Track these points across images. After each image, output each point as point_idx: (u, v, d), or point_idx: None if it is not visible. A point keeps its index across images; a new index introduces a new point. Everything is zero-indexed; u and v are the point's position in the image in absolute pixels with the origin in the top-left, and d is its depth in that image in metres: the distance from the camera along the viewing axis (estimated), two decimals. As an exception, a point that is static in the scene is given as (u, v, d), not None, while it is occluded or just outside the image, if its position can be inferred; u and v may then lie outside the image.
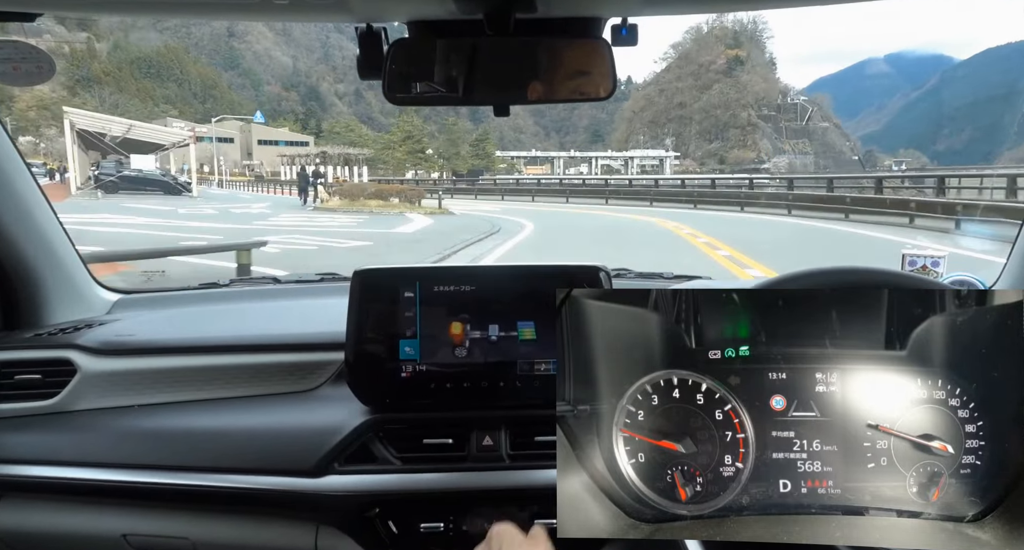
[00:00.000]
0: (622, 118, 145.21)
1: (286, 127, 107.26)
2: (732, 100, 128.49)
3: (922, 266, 1.54)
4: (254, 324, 1.56)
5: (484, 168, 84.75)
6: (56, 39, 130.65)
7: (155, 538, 1.23)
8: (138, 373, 1.32)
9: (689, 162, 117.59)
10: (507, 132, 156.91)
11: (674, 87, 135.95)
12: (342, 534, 1.17)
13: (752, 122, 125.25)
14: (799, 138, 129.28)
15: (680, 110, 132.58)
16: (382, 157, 77.94)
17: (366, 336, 1.18)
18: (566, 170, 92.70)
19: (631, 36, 1.03)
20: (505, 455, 1.18)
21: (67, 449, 1.24)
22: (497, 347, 1.18)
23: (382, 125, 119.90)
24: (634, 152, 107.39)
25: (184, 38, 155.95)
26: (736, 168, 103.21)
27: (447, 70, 1.04)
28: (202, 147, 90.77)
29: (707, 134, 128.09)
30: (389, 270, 1.21)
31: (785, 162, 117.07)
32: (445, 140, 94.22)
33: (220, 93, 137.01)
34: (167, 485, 1.19)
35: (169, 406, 1.30)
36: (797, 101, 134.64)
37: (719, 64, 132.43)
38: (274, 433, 1.23)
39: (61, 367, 1.31)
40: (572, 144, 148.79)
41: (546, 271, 1.21)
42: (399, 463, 1.18)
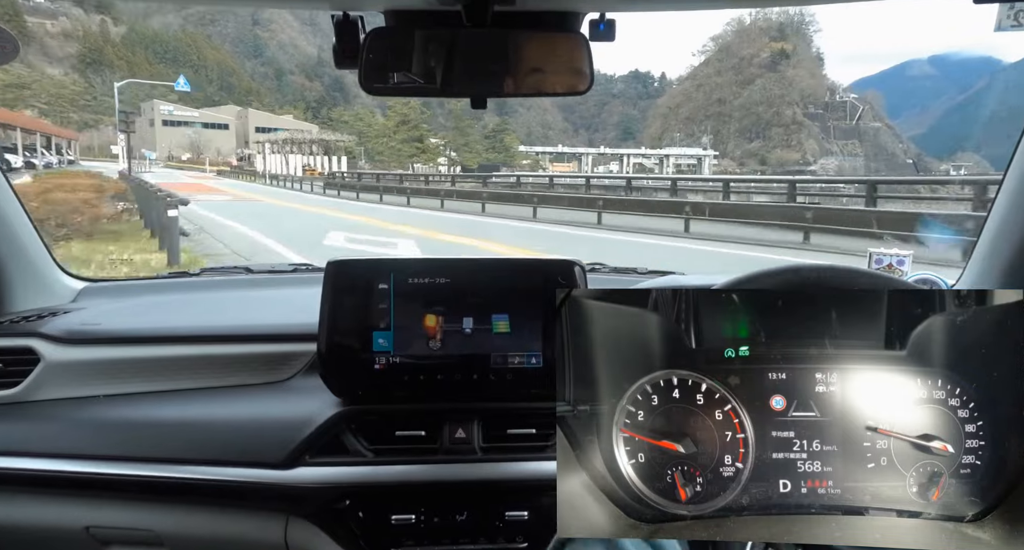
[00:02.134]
0: (656, 114, 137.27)
1: (291, 114, 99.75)
2: (776, 96, 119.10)
3: (888, 264, 1.59)
4: (225, 314, 1.53)
5: (502, 163, 75.77)
6: (72, 21, 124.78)
7: (120, 530, 1.22)
8: (103, 363, 1.30)
9: (728, 162, 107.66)
10: (535, 127, 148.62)
11: (713, 82, 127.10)
12: (312, 526, 1.18)
13: (797, 120, 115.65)
14: (848, 139, 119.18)
15: (719, 106, 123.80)
16: (375, 146, 69.41)
17: (339, 327, 1.18)
18: (595, 168, 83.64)
19: (608, 31, 1.03)
20: (477, 447, 1.20)
21: (28, 440, 1.23)
22: (471, 340, 1.19)
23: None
24: (669, 150, 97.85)
25: (208, 25, 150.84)
26: (779, 170, 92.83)
27: (425, 61, 1.04)
28: (180, 132, 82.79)
29: (747, 132, 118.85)
30: (363, 261, 1.21)
31: (834, 164, 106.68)
32: (453, 129, 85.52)
33: (237, 80, 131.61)
34: (132, 477, 1.17)
35: (135, 397, 1.29)
36: (846, 99, 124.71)
37: (762, 58, 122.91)
38: (244, 424, 1.22)
39: (23, 356, 1.29)
40: (602, 141, 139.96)
41: (521, 264, 1.23)
42: (371, 455, 1.19)
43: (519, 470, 1.19)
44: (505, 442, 1.20)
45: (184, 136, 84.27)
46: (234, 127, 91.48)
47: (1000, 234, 1.41)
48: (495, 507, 1.18)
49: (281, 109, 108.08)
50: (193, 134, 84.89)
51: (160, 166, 67.04)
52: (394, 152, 69.42)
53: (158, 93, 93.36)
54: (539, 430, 1.22)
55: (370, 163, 66.24)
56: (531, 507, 1.20)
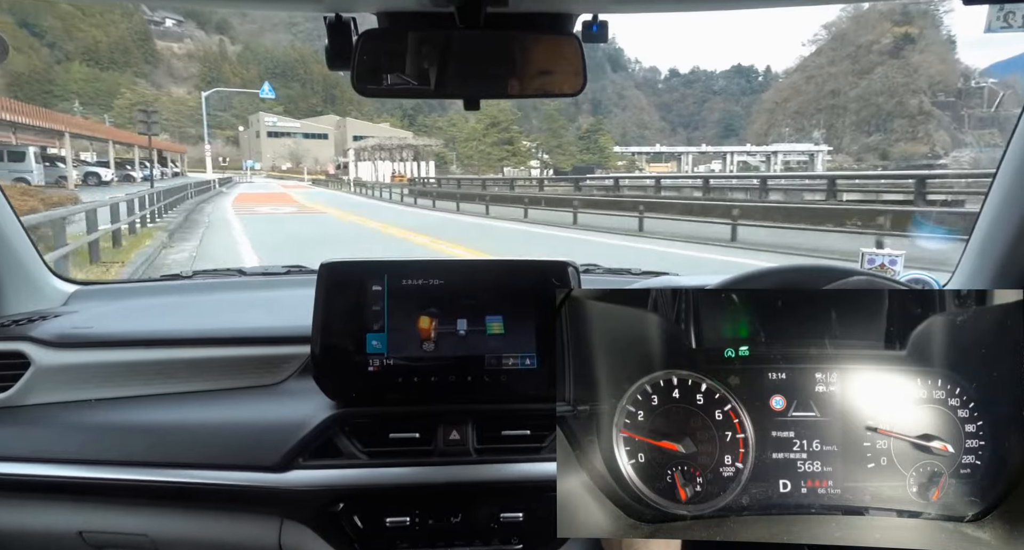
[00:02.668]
0: (761, 110, 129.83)
1: (387, 122, 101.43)
2: (899, 85, 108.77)
3: (880, 264, 1.60)
4: (217, 317, 1.53)
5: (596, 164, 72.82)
6: (195, 43, 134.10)
7: (113, 535, 1.22)
8: (95, 367, 1.30)
9: (844, 157, 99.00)
10: (630, 127, 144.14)
11: (825, 72, 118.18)
12: (307, 529, 1.18)
13: (925, 110, 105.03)
14: (986, 128, 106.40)
15: (832, 99, 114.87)
16: (465, 150, 68.30)
17: (333, 329, 1.18)
18: (695, 167, 78.96)
19: (601, 33, 1.03)
20: (472, 449, 1.20)
21: (19, 444, 1.22)
22: (465, 341, 1.20)
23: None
24: (777, 146, 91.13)
25: (315, 40, 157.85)
26: (903, 164, 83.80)
27: (417, 62, 1.04)
28: (282, 143, 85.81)
29: (865, 125, 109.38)
30: (357, 263, 1.21)
31: (969, 156, 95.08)
32: (545, 131, 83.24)
33: (340, 92, 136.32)
34: (125, 481, 1.18)
35: (128, 400, 1.29)
36: (983, 84, 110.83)
37: (883, 44, 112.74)
38: (238, 427, 1.22)
39: (14, 360, 1.29)
40: (702, 139, 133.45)
41: (514, 266, 1.23)
42: (365, 458, 1.19)
43: (514, 472, 1.18)
44: (500, 443, 1.20)
45: (285, 146, 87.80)
46: (332, 137, 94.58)
47: (992, 232, 1.38)
48: (490, 509, 1.19)
49: (379, 118, 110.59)
50: (293, 144, 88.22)
51: (262, 176, 69.60)
52: (484, 156, 68.24)
53: (265, 106, 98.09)
54: (534, 431, 1.22)
55: (460, 167, 65.57)
56: (526, 509, 1.20)
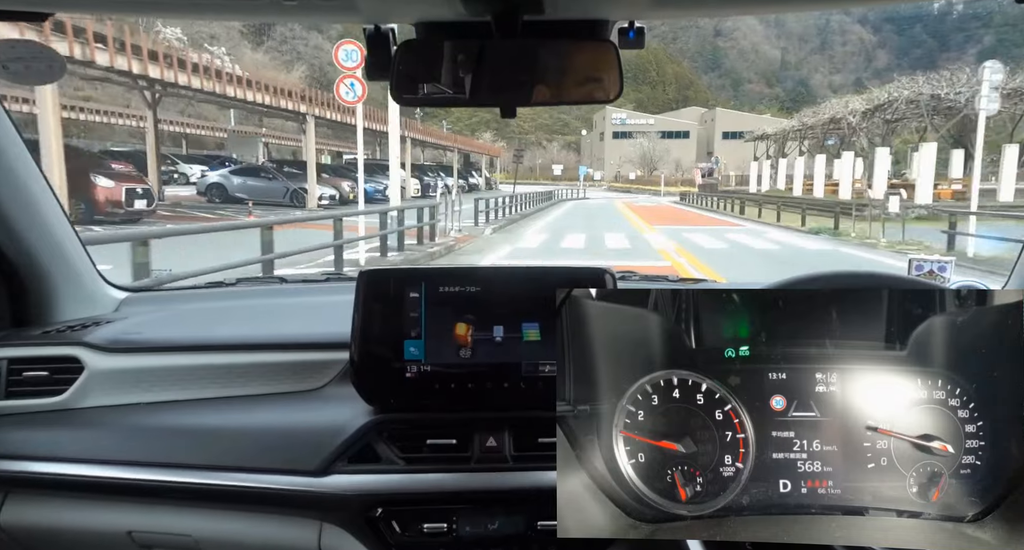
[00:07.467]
0: None
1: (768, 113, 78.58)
2: None
3: (928, 271, 1.55)
4: (260, 323, 1.61)
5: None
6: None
7: (160, 535, 1.28)
8: (144, 371, 1.37)
9: None
10: None
11: None
12: (346, 533, 1.22)
13: None
14: None
15: None
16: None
17: (371, 336, 1.23)
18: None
19: (638, 39, 1.06)
20: (509, 456, 1.22)
21: (73, 446, 1.29)
22: (501, 348, 1.22)
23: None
24: None
25: (670, 43, 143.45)
26: None
27: (454, 71, 1.06)
28: (631, 144, 67.83)
29: None
30: (395, 270, 1.27)
31: None
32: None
33: (694, 93, 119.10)
34: (172, 483, 1.24)
35: (175, 404, 1.36)
36: None
37: None
38: (279, 432, 1.27)
39: (69, 364, 1.36)
40: None
41: (551, 272, 1.26)
42: (403, 463, 1.22)
43: (550, 479, 1.20)
44: (536, 451, 1.22)
45: (636, 147, 71.68)
46: (695, 134, 76.71)
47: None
48: (527, 516, 1.21)
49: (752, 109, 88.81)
50: (647, 144, 71.55)
51: (602, 188, 54.22)
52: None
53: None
54: None
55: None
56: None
